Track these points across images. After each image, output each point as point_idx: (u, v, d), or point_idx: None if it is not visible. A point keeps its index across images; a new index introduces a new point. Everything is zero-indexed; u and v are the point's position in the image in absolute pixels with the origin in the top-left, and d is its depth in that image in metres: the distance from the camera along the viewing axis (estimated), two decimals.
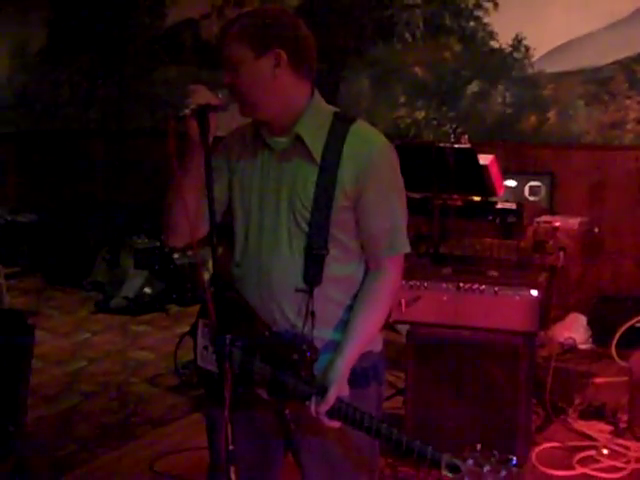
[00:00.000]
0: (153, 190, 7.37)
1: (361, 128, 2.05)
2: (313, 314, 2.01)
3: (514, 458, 1.74)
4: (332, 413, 1.96)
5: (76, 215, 7.56)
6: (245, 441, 2.06)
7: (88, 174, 8.03)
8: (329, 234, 2.00)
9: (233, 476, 1.88)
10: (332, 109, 2.08)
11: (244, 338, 2.04)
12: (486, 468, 1.72)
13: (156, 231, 6.92)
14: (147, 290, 6.41)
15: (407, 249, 2.09)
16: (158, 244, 6.70)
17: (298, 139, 2.01)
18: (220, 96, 1.92)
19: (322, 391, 1.93)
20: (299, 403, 1.99)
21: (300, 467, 2.20)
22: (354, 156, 1.99)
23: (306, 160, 2.01)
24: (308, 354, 1.98)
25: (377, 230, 2.05)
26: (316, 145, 2.00)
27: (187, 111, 1.86)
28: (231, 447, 1.88)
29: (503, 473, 1.70)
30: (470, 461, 1.74)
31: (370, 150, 2.01)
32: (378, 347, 2.18)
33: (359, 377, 2.09)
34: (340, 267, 2.05)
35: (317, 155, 1.99)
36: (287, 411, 2.04)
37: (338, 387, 1.95)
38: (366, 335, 2.06)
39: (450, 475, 1.77)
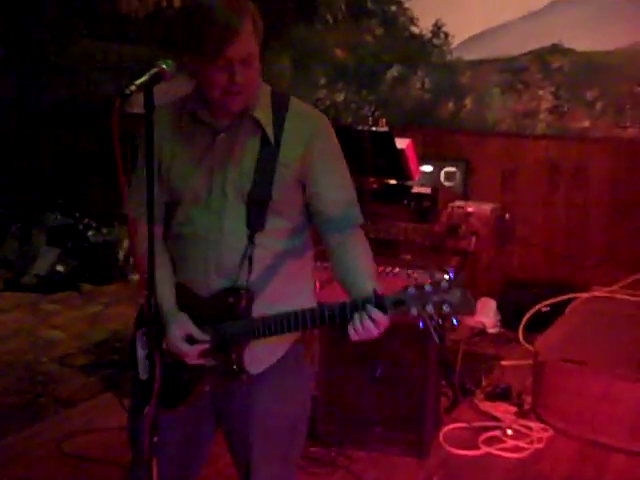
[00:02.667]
0: (68, 166, 7.25)
1: (299, 105, 2.10)
2: (250, 260, 2.01)
3: (450, 270, 1.77)
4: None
5: None
6: (174, 430, 2.12)
7: (1, 147, 7.79)
8: (271, 200, 2.03)
9: (155, 469, 1.89)
10: (268, 87, 2.11)
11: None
12: (427, 288, 1.73)
13: (70, 207, 6.79)
14: (59, 268, 6.28)
15: (362, 220, 2.12)
16: (71, 221, 6.58)
17: (250, 120, 2.04)
18: (164, 67, 1.85)
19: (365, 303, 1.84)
20: (243, 347, 2.02)
21: (229, 445, 2.23)
22: (297, 132, 2.04)
23: (253, 138, 2.04)
24: (242, 296, 2.00)
25: (336, 201, 2.06)
26: (268, 125, 2.04)
27: (134, 87, 1.80)
28: (155, 439, 1.88)
29: (445, 285, 1.71)
30: (411, 289, 1.74)
31: (312, 125, 2.06)
32: None
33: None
34: (282, 223, 2.07)
35: (271, 134, 2.03)
36: (234, 364, 2.03)
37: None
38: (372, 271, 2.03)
39: (398, 310, 1.77)
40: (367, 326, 1.84)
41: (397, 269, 3.65)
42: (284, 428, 2.16)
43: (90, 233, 6.45)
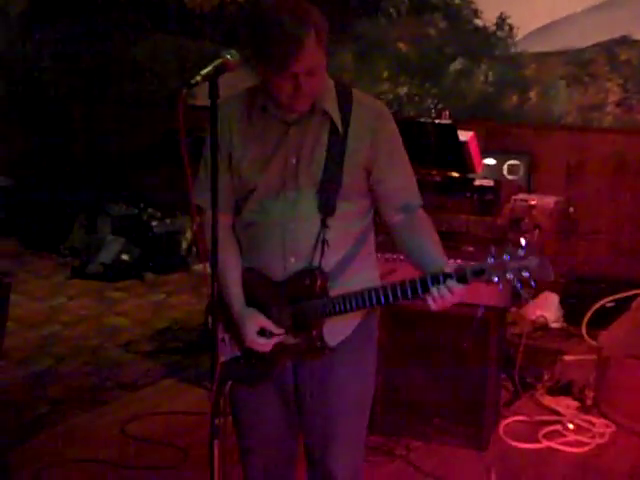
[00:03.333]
0: (134, 158, 7.38)
1: (361, 95, 2.19)
2: (324, 242, 2.12)
3: (524, 240, 1.86)
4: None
5: (54, 180, 7.51)
6: (271, 407, 2.27)
7: (68, 140, 7.97)
8: (341, 186, 2.12)
9: (216, 450, 1.97)
10: (331, 80, 2.18)
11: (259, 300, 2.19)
12: (506, 257, 1.83)
13: (134, 198, 6.91)
14: (124, 257, 6.39)
15: (421, 201, 2.23)
16: (136, 211, 6.69)
17: (319, 112, 2.12)
18: (229, 57, 1.90)
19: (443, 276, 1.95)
20: (322, 323, 2.12)
21: (304, 425, 2.32)
22: (363, 122, 2.13)
23: (322, 129, 2.12)
24: (318, 277, 2.11)
25: (400, 186, 2.18)
26: (336, 116, 2.12)
27: (199, 77, 1.85)
28: (217, 421, 1.97)
29: (521, 253, 1.82)
30: (490, 259, 1.85)
31: (376, 115, 2.16)
32: None
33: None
34: (350, 206, 2.16)
35: (339, 124, 2.11)
36: (316, 340, 2.14)
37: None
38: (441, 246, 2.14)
39: (479, 279, 1.88)
40: (444, 295, 1.94)
41: (459, 261, 3.63)
42: (359, 398, 2.28)
43: (154, 223, 6.55)
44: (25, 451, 3.56)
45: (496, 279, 1.83)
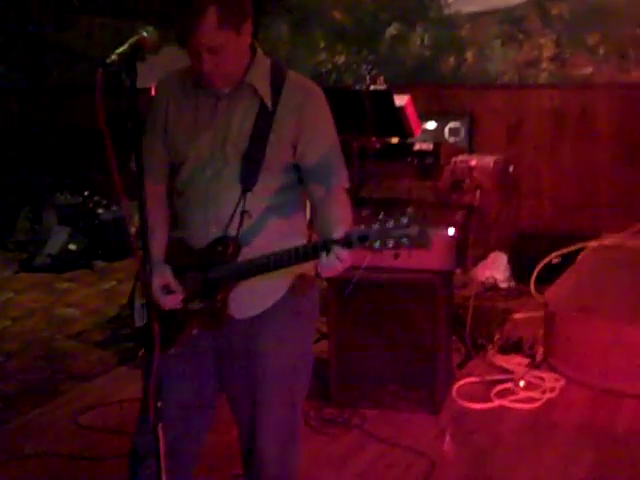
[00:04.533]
0: (72, 146, 7.26)
1: (295, 76, 2.24)
2: (243, 213, 2.16)
3: (411, 209, 1.86)
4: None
5: None
6: (179, 377, 2.24)
7: (5, 131, 7.81)
8: (264, 159, 2.17)
9: (160, 433, 1.96)
10: (268, 59, 2.24)
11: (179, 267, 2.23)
12: (389, 224, 1.83)
13: (79, 187, 6.81)
14: (71, 246, 6.31)
15: (347, 184, 2.26)
16: (81, 200, 6.60)
17: (249, 88, 2.17)
18: (145, 35, 1.87)
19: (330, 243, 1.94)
20: (228, 289, 2.16)
21: (232, 403, 2.33)
22: (292, 99, 2.17)
23: (252, 103, 2.17)
24: (230, 244, 2.15)
25: (321, 159, 2.20)
26: (266, 93, 2.17)
27: (114, 57, 1.82)
28: (159, 404, 1.95)
29: (405, 221, 1.82)
30: (375, 225, 1.85)
31: (306, 94, 2.21)
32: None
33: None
34: (272, 180, 2.20)
35: (269, 101, 2.16)
36: (217, 303, 2.17)
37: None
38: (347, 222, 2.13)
39: (363, 244, 1.87)
40: (332, 262, 1.94)
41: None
42: (284, 371, 2.27)
43: (100, 211, 6.48)
44: None
45: (378, 245, 1.84)
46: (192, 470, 2.40)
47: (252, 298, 2.22)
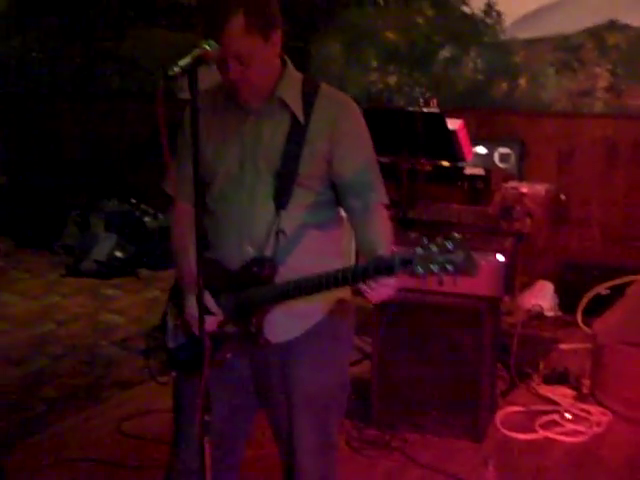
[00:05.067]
0: (123, 153, 7.36)
1: (328, 89, 2.19)
2: (278, 231, 2.11)
3: (457, 235, 1.79)
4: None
5: (47, 178, 7.49)
6: (216, 397, 2.12)
7: (59, 137, 7.94)
8: (297, 175, 2.12)
9: (207, 446, 1.94)
10: (300, 74, 2.19)
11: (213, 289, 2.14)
12: (434, 249, 1.77)
13: (127, 194, 6.89)
14: (118, 253, 6.38)
15: (387, 201, 2.21)
16: (128, 208, 6.67)
17: (279, 102, 2.12)
18: (207, 48, 1.87)
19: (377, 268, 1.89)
20: (264, 312, 2.11)
21: (271, 420, 2.32)
22: (325, 113, 2.12)
23: (284, 120, 2.12)
24: (266, 265, 2.11)
25: (358, 174, 2.15)
26: (297, 107, 2.12)
27: (177, 69, 1.81)
28: (207, 417, 1.93)
29: (450, 246, 1.75)
30: (419, 249, 1.79)
31: (339, 107, 2.15)
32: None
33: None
34: (308, 196, 2.15)
35: (301, 115, 2.11)
36: (252, 327, 2.13)
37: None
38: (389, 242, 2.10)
39: (406, 269, 1.81)
40: (380, 291, 1.91)
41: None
42: (320, 396, 2.24)
43: (147, 219, 6.54)
44: (21, 451, 3.55)
45: (421, 270, 1.77)
46: None
47: (289, 321, 2.18)
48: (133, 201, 6.74)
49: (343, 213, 2.27)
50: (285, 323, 2.17)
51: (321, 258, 2.17)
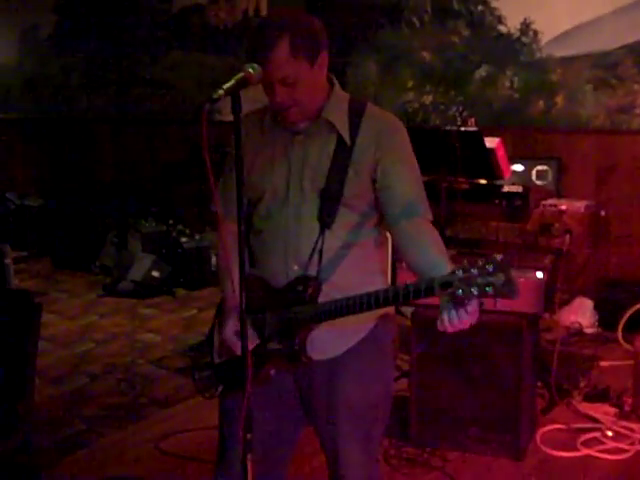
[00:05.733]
0: (161, 175, 7.44)
1: (375, 109, 2.21)
2: (321, 253, 2.12)
3: (497, 255, 1.75)
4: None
5: (84, 199, 7.59)
6: (261, 413, 2.17)
7: (96, 159, 8.06)
8: (342, 196, 2.13)
9: (249, 464, 1.95)
10: (347, 95, 2.23)
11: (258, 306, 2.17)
12: (474, 271, 1.74)
13: (163, 215, 6.96)
14: (155, 273, 6.43)
15: (431, 217, 2.19)
16: (165, 228, 6.73)
17: (326, 123, 2.15)
18: (251, 71, 1.90)
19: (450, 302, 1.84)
20: (308, 330, 2.12)
21: (318, 435, 2.32)
22: (370, 132, 2.14)
23: (329, 139, 2.15)
24: (310, 284, 2.12)
25: (404, 193, 2.14)
26: (343, 127, 2.14)
27: (221, 92, 1.84)
28: (249, 436, 1.94)
29: (490, 268, 1.72)
30: (459, 272, 1.76)
31: (384, 126, 2.17)
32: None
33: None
34: (352, 216, 2.16)
35: (347, 136, 2.14)
36: (296, 345, 2.13)
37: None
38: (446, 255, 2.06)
39: (446, 292, 1.79)
40: (462, 317, 1.85)
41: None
42: (365, 409, 2.24)
43: (183, 239, 6.58)
44: (61, 470, 3.57)
45: (461, 293, 1.75)
46: None
47: (332, 339, 2.19)
48: (170, 222, 6.79)
49: (386, 234, 2.27)
50: (329, 341, 2.19)
51: (363, 277, 2.19)
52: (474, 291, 1.74)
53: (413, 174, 2.18)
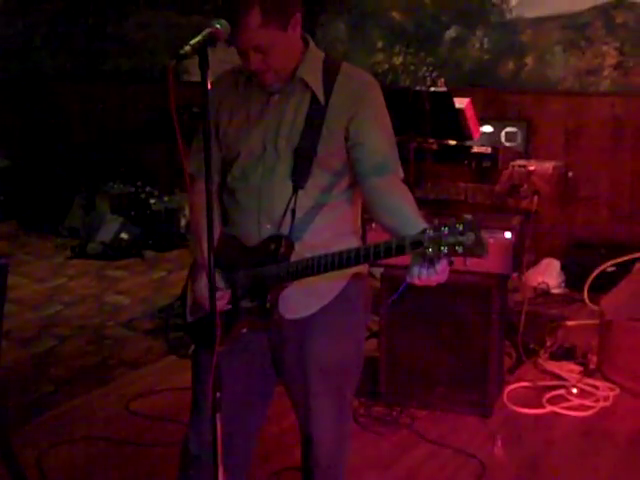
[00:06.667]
0: (129, 135, 7.35)
1: (349, 68, 2.20)
2: (294, 212, 2.13)
3: (468, 215, 1.77)
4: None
5: (51, 160, 7.49)
6: (233, 371, 2.21)
7: (62, 119, 7.93)
8: (315, 155, 2.13)
9: (218, 423, 1.95)
10: (322, 53, 2.22)
11: (230, 264, 2.19)
12: (444, 229, 1.75)
13: (132, 176, 6.89)
14: (123, 235, 6.39)
15: (402, 175, 2.19)
16: (134, 189, 6.68)
17: (300, 82, 2.15)
18: (218, 27, 1.86)
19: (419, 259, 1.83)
20: (280, 289, 2.14)
21: (289, 394, 2.35)
22: (345, 92, 2.13)
23: (303, 98, 2.15)
24: (283, 243, 2.12)
25: (377, 149, 2.12)
26: (317, 87, 2.14)
27: (188, 48, 1.81)
28: (218, 394, 1.94)
29: (460, 228, 1.74)
30: (429, 231, 1.77)
31: (360, 87, 2.15)
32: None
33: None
34: (325, 177, 2.16)
35: (321, 95, 2.13)
36: (268, 303, 2.15)
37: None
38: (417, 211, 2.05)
39: (417, 250, 1.79)
40: (430, 275, 1.83)
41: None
42: (336, 367, 2.26)
43: (152, 201, 6.54)
44: (30, 431, 3.56)
45: (431, 252, 1.76)
46: (245, 468, 2.42)
47: (304, 298, 2.21)
48: (138, 183, 6.74)
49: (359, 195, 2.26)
50: (301, 300, 2.20)
51: (336, 236, 2.19)
52: (444, 249, 1.75)
53: (386, 132, 2.17)
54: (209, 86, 1.87)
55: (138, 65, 7.43)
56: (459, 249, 1.74)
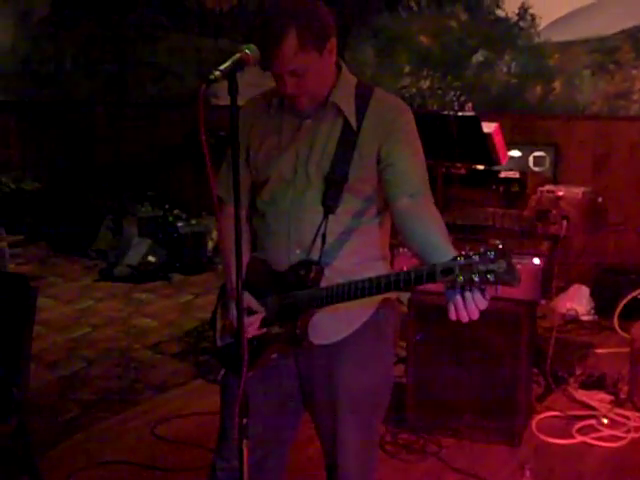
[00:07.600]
0: (158, 159, 7.41)
1: (382, 93, 2.19)
2: (324, 237, 2.12)
3: (498, 242, 1.73)
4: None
5: (80, 183, 7.56)
6: (262, 397, 2.21)
7: (92, 143, 8.02)
8: (347, 181, 2.13)
9: (245, 450, 1.95)
10: (354, 78, 2.22)
11: (260, 289, 2.19)
12: (475, 258, 1.73)
13: (160, 199, 6.93)
14: (151, 258, 6.42)
15: (432, 199, 2.15)
16: (161, 213, 6.71)
17: (333, 107, 2.14)
18: (248, 52, 1.88)
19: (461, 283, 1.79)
20: (310, 315, 2.13)
21: (315, 420, 2.33)
22: (377, 118, 2.12)
23: (335, 123, 2.14)
24: (313, 268, 2.12)
25: (408, 169, 2.11)
26: (350, 112, 2.13)
27: (218, 73, 1.82)
28: (245, 420, 1.94)
29: (491, 256, 1.71)
30: (460, 259, 1.75)
31: (392, 113, 2.14)
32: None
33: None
34: (356, 202, 2.15)
35: (353, 120, 2.12)
36: (297, 329, 2.14)
37: None
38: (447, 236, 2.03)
39: (447, 278, 1.77)
40: (469, 306, 1.79)
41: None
42: (366, 395, 2.24)
43: (180, 224, 6.57)
44: (56, 454, 3.57)
45: (462, 280, 1.73)
46: None
47: (334, 324, 2.19)
48: (166, 206, 6.77)
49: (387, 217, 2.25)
50: (331, 325, 2.19)
51: (366, 261, 2.19)
52: (475, 278, 1.73)
53: (417, 155, 2.15)
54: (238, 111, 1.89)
55: (167, 89, 7.49)
56: (491, 277, 1.72)
